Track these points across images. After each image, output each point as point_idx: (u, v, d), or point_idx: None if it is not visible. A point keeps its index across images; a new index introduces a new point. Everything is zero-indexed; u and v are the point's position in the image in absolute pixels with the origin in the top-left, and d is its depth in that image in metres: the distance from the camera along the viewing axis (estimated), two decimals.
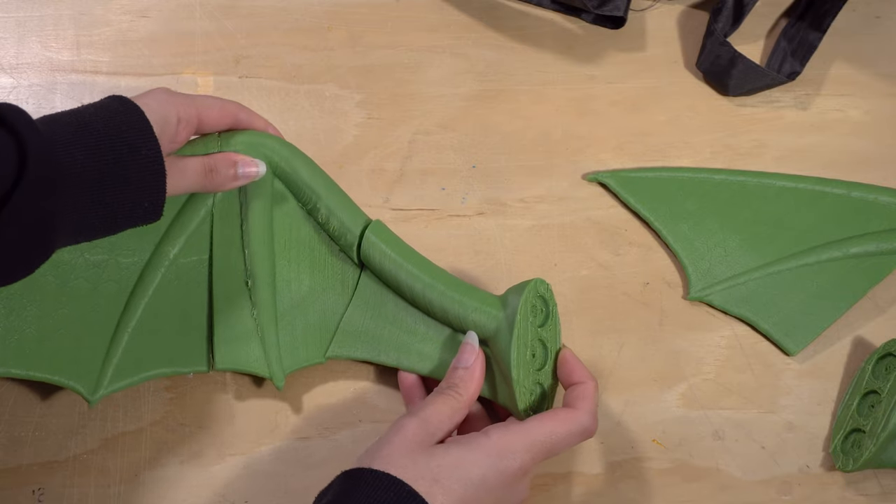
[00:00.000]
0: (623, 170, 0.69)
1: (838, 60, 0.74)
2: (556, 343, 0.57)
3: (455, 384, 0.53)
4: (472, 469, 0.48)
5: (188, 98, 0.54)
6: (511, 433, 0.50)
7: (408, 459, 0.47)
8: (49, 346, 0.56)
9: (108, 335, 0.57)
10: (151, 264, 0.58)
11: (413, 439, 0.48)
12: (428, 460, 0.48)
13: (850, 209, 0.67)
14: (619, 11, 0.70)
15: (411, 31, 0.71)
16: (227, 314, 0.59)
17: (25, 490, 0.58)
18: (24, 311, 0.56)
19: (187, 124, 0.53)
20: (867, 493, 0.63)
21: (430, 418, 0.50)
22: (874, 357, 0.64)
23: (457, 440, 0.50)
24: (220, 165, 0.54)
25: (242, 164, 0.55)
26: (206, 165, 0.54)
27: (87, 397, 0.57)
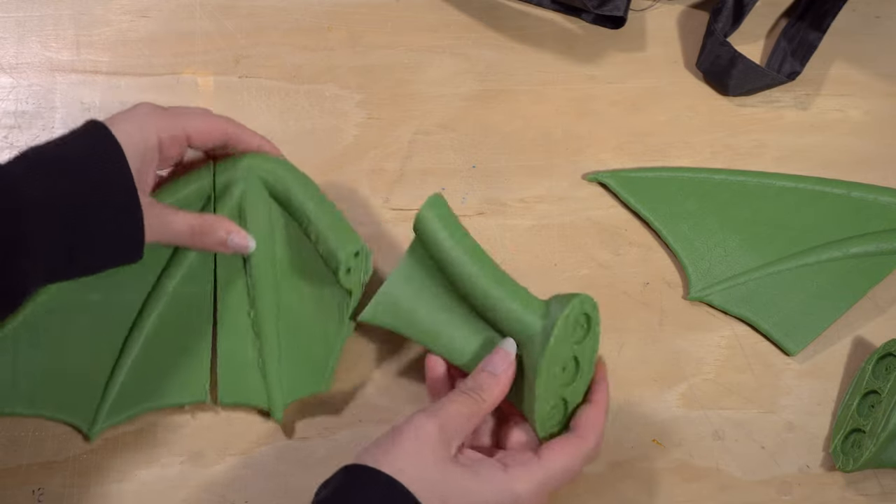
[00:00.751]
0: (623, 170, 0.69)
1: (838, 60, 0.74)
2: (591, 362, 0.54)
3: (480, 387, 0.50)
4: (480, 498, 0.46)
5: (172, 114, 0.52)
6: (528, 472, 0.48)
7: (420, 471, 0.45)
8: (52, 385, 0.56)
9: (107, 370, 0.58)
10: (152, 297, 0.58)
11: (429, 445, 0.46)
12: (441, 478, 0.45)
13: (850, 209, 0.67)
14: (619, 11, 0.70)
15: (411, 31, 0.71)
16: (230, 345, 0.59)
17: (25, 490, 0.58)
18: (31, 355, 0.56)
19: (173, 142, 0.51)
20: (867, 494, 0.63)
21: (449, 422, 0.48)
22: (874, 357, 0.64)
23: (473, 465, 0.47)
24: (210, 230, 0.53)
25: (234, 236, 0.54)
26: (195, 227, 0.52)
27: (86, 432, 0.57)
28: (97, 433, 0.57)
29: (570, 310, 0.51)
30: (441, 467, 0.46)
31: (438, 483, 0.45)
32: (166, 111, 0.52)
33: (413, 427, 0.47)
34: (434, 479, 0.45)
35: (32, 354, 0.56)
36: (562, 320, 0.50)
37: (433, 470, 0.45)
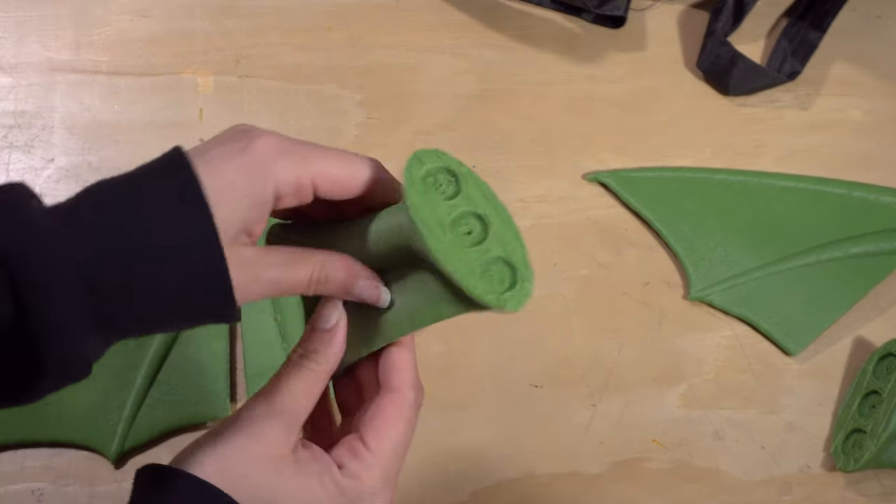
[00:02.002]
0: (623, 170, 0.68)
1: (839, 60, 0.74)
2: (496, 206, 0.43)
3: (314, 350, 0.42)
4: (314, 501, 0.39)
5: (299, 156, 0.39)
6: (364, 468, 0.40)
7: (250, 474, 0.38)
8: (73, 411, 0.57)
9: (127, 392, 0.58)
10: None
11: (265, 442, 0.39)
12: (272, 480, 0.38)
13: (851, 209, 0.67)
14: (619, 11, 0.70)
15: (411, 31, 0.71)
16: (257, 351, 0.59)
17: (25, 490, 0.58)
18: None
19: (296, 194, 0.39)
20: (868, 494, 0.63)
21: (288, 408, 0.40)
22: (875, 357, 0.64)
23: (310, 462, 0.40)
24: (332, 278, 0.41)
25: (364, 284, 0.41)
26: (313, 277, 0.40)
27: (109, 456, 0.57)
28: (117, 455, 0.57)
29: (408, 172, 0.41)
30: (275, 469, 0.39)
31: (269, 487, 0.38)
32: (292, 150, 0.39)
33: (247, 421, 0.39)
34: (265, 482, 0.38)
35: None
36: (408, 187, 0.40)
37: (266, 471, 0.39)
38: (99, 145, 0.66)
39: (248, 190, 0.37)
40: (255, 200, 0.38)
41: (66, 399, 0.57)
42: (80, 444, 0.58)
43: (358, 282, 0.41)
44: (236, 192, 0.37)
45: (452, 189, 0.43)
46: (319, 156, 0.40)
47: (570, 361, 0.64)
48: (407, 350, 0.43)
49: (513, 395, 0.63)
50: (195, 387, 0.59)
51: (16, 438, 0.57)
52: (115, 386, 0.58)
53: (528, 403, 0.63)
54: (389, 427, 0.41)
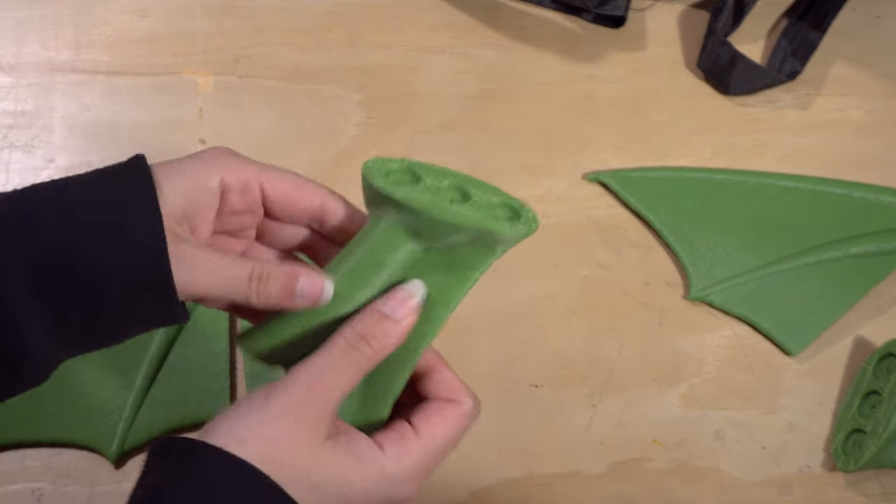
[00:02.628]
0: (623, 169, 0.68)
1: (839, 60, 0.74)
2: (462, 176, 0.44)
3: (371, 335, 0.39)
4: (355, 487, 0.38)
5: (248, 161, 0.41)
6: (407, 452, 0.40)
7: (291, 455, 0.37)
8: (73, 411, 0.57)
9: (128, 392, 0.58)
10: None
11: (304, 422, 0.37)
12: (313, 463, 0.37)
13: (851, 209, 0.67)
14: (619, 11, 0.70)
15: (411, 31, 0.71)
16: None
17: (25, 490, 0.58)
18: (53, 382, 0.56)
19: (242, 191, 0.40)
20: (868, 494, 0.63)
21: (331, 391, 0.38)
22: (875, 357, 0.63)
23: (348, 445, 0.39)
24: (274, 276, 0.39)
25: (304, 281, 0.40)
26: (254, 273, 0.39)
27: (109, 456, 0.57)
28: (117, 455, 0.57)
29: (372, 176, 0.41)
30: (314, 451, 0.38)
31: (310, 469, 0.37)
32: (246, 158, 0.41)
33: (287, 398, 0.38)
34: (305, 464, 0.37)
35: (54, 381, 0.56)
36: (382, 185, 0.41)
37: (305, 454, 0.37)
38: (99, 145, 0.66)
39: (193, 173, 0.39)
40: (200, 184, 0.39)
41: (66, 399, 0.57)
42: (80, 444, 0.58)
43: (299, 278, 0.39)
44: (180, 175, 0.38)
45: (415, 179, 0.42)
46: (273, 169, 0.41)
47: (570, 361, 0.64)
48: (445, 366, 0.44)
49: (513, 395, 0.63)
50: (195, 387, 0.59)
51: (16, 438, 0.57)
52: (115, 386, 0.58)
53: (528, 403, 0.63)
54: (445, 426, 0.41)
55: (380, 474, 0.39)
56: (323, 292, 0.40)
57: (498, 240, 0.41)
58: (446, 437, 0.41)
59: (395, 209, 0.40)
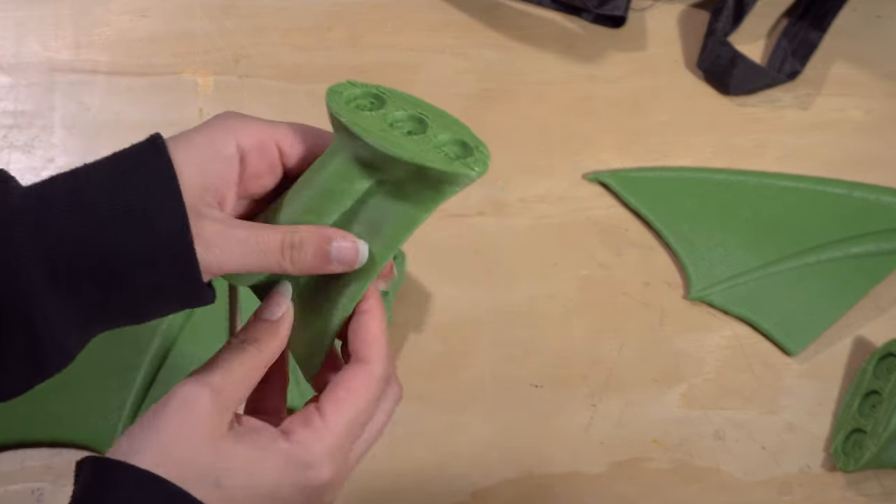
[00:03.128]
0: (623, 169, 0.68)
1: (839, 60, 0.74)
2: (426, 106, 0.44)
3: (257, 339, 0.40)
4: (263, 477, 0.38)
5: (260, 121, 0.41)
6: (316, 438, 0.39)
7: (188, 452, 0.37)
8: (73, 411, 0.57)
9: (126, 392, 0.58)
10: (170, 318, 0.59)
11: (201, 420, 0.37)
12: (213, 458, 0.37)
13: (851, 209, 0.67)
14: (619, 11, 0.70)
15: (411, 31, 0.71)
16: None
17: (25, 490, 0.58)
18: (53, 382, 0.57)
19: (262, 154, 0.40)
20: (868, 494, 0.63)
21: (225, 387, 0.38)
22: (875, 357, 0.63)
23: (251, 436, 0.39)
24: (308, 242, 0.39)
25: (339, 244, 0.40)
26: (285, 241, 0.39)
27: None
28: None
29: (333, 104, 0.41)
30: (213, 445, 0.37)
31: (210, 464, 0.37)
32: (256, 119, 0.41)
33: (180, 400, 0.38)
34: (205, 460, 0.37)
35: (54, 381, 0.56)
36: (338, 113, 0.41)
37: (204, 449, 0.37)
38: (99, 145, 0.66)
39: (207, 143, 0.38)
40: (217, 153, 0.38)
41: (66, 399, 0.57)
42: (80, 444, 0.58)
43: (332, 242, 0.39)
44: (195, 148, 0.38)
45: (378, 105, 0.42)
46: (284, 125, 0.42)
47: (570, 361, 0.64)
48: (375, 318, 0.41)
49: (513, 395, 0.63)
50: None
51: (16, 438, 0.57)
52: (115, 386, 0.58)
53: (528, 403, 0.63)
54: (351, 398, 0.39)
55: (286, 462, 0.38)
56: (358, 254, 0.40)
57: (442, 179, 0.40)
58: (356, 412, 0.39)
59: (348, 136, 0.39)
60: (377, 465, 0.60)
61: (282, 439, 0.38)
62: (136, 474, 0.36)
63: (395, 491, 0.61)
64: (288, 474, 0.38)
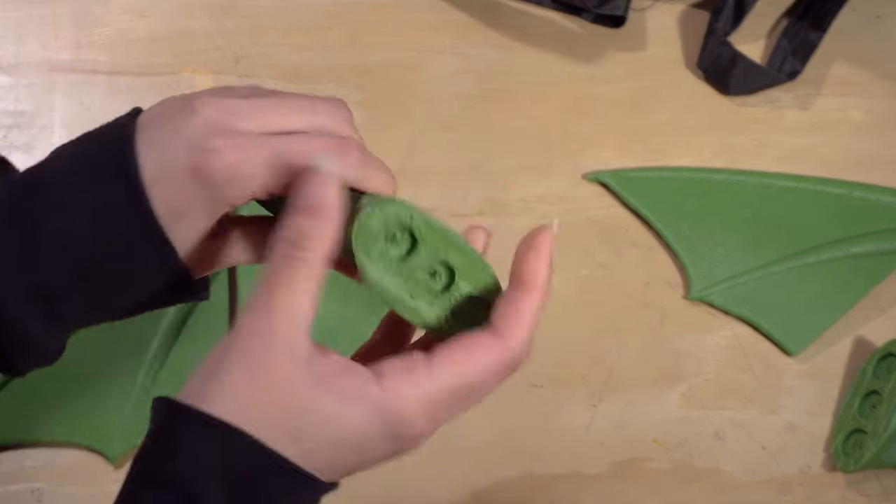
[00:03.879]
0: (623, 169, 0.68)
1: (839, 60, 0.74)
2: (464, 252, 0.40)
3: (300, 234, 0.34)
4: (348, 428, 0.34)
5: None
6: (411, 383, 0.34)
7: (262, 397, 0.33)
8: (73, 411, 0.57)
9: (128, 394, 0.58)
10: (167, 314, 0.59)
11: (269, 359, 0.33)
12: (290, 403, 0.33)
13: (851, 209, 0.67)
14: (619, 10, 0.70)
15: (411, 31, 0.71)
16: None
17: (25, 490, 0.58)
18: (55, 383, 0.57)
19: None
20: (868, 494, 0.63)
21: (288, 320, 0.33)
22: (875, 357, 0.63)
23: (335, 378, 0.34)
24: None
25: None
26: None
27: (109, 457, 0.57)
28: (117, 455, 0.57)
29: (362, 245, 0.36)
30: (289, 388, 0.33)
31: (288, 410, 0.33)
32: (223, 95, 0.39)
33: (248, 345, 0.33)
34: (281, 405, 0.33)
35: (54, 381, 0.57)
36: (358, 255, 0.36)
37: (280, 393, 0.33)
38: None
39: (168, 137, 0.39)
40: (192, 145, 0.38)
41: (66, 399, 0.57)
42: (80, 444, 0.58)
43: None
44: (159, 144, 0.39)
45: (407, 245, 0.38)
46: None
47: (570, 361, 0.64)
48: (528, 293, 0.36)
49: (513, 395, 0.63)
50: None
51: (16, 438, 0.57)
52: (115, 386, 0.58)
53: (528, 403, 0.63)
54: (469, 362, 0.35)
55: (376, 410, 0.34)
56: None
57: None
58: (467, 375, 0.35)
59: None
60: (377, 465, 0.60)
61: (373, 383, 0.34)
62: (206, 423, 0.32)
63: (394, 491, 0.61)
64: (377, 424, 0.34)
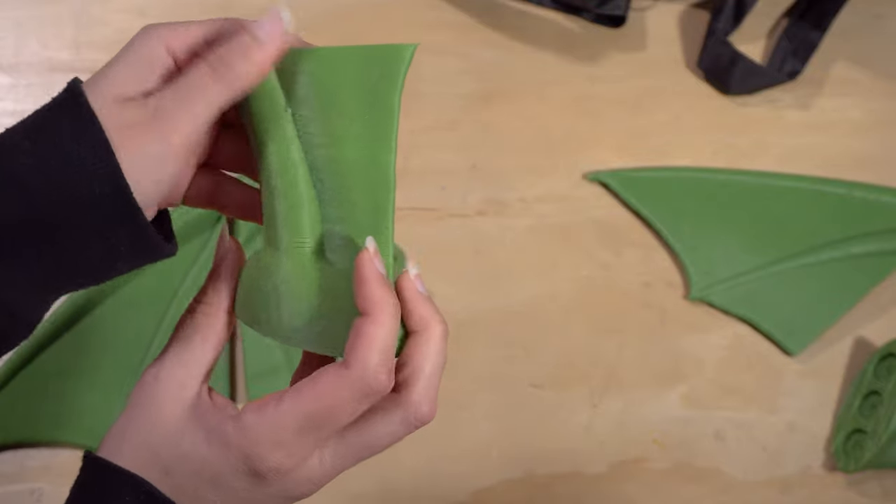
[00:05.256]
0: (624, 169, 0.68)
1: (839, 60, 0.74)
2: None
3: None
4: (206, 461, 0.36)
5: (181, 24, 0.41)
6: (260, 418, 0.35)
7: (143, 437, 0.36)
8: (73, 411, 0.57)
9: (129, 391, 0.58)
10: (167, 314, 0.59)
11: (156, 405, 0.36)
12: (164, 441, 0.36)
13: (851, 209, 0.67)
14: (619, 10, 0.70)
15: (411, 31, 0.71)
16: (257, 350, 0.59)
17: (25, 490, 0.58)
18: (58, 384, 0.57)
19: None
20: (868, 494, 0.63)
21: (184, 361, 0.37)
22: (876, 357, 0.63)
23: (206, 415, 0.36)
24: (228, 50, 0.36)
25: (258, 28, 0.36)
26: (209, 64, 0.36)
27: None
28: None
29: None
30: (168, 428, 0.36)
31: (162, 449, 0.36)
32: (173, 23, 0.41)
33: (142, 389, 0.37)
34: (157, 445, 0.36)
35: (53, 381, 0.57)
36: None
37: (158, 433, 0.36)
38: None
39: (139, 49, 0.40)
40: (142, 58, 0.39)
41: (66, 399, 0.57)
42: (80, 444, 0.58)
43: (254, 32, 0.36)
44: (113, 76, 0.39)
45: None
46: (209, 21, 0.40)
47: (570, 361, 0.64)
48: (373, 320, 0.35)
49: (513, 395, 0.63)
50: None
51: (16, 438, 0.57)
52: (115, 386, 0.58)
53: (528, 403, 0.63)
54: (313, 389, 0.35)
55: (227, 445, 0.35)
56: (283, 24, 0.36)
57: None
58: (315, 401, 0.35)
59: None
60: (377, 465, 0.60)
61: (230, 422, 0.36)
62: (114, 472, 0.36)
63: (394, 490, 0.61)
64: (231, 459, 0.35)
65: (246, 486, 0.36)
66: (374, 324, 0.35)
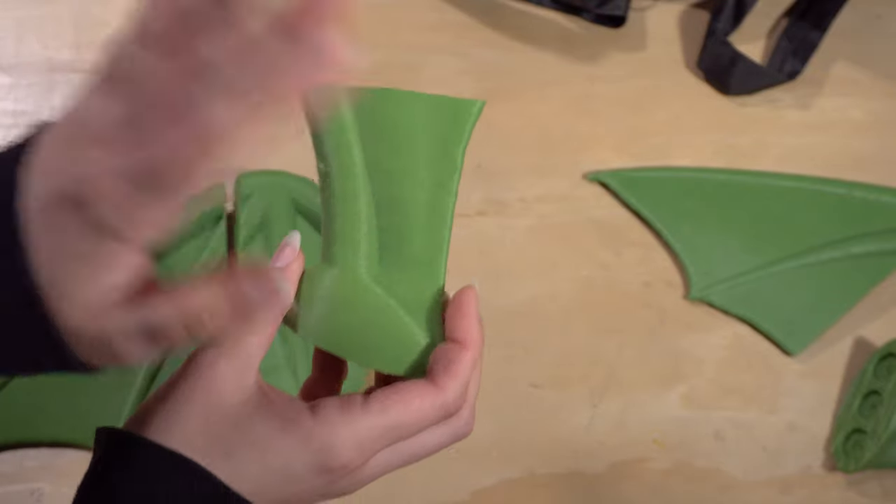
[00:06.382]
0: (624, 169, 0.68)
1: (839, 60, 0.74)
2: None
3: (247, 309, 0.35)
4: (276, 452, 0.36)
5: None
6: (346, 421, 0.36)
7: (202, 421, 0.35)
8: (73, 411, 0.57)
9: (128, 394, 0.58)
10: None
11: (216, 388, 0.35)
12: (227, 427, 0.35)
13: (851, 209, 0.67)
14: (619, 10, 0.70)
15: (411, 30, 0.71)
16: None
17: (25, 490, 0.58)
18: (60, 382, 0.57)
19: None
20: (868, 494, 0.63)
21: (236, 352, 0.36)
22: (876, 357, 0.63)
23: (275, 406, 0.36)
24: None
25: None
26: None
27: None
28: None
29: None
30: (228, 413, 0.35)
31: (224, 433, 0.35)
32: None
33: (196, 371, 0.36)
34: (218, 429, 0.35)
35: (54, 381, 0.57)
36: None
37: (217, 417, 0.35)
38: None
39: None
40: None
41: (67, 399, 0.57)
42: (80, 444, 0.58)
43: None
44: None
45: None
46: None
47: (570, 361, 0.64)
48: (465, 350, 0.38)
49: (513, 395, 0.63)
50: None
51: (16, 438, 0.57)
52: (115, 386, 0.58)
53: (528, 403, 0.63)
54: (402, 401, 0.36)
55: (306, 439, 0.35)
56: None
57: None
58: (401, 415, 0.36)
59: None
60: None
61: (308, 415, 0.36)
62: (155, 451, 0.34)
63: (394, 490, 0.61)
64: (306, 452, 0.35)
65: (309, 478, 0.36)
66: (464, 354, 0.38)
